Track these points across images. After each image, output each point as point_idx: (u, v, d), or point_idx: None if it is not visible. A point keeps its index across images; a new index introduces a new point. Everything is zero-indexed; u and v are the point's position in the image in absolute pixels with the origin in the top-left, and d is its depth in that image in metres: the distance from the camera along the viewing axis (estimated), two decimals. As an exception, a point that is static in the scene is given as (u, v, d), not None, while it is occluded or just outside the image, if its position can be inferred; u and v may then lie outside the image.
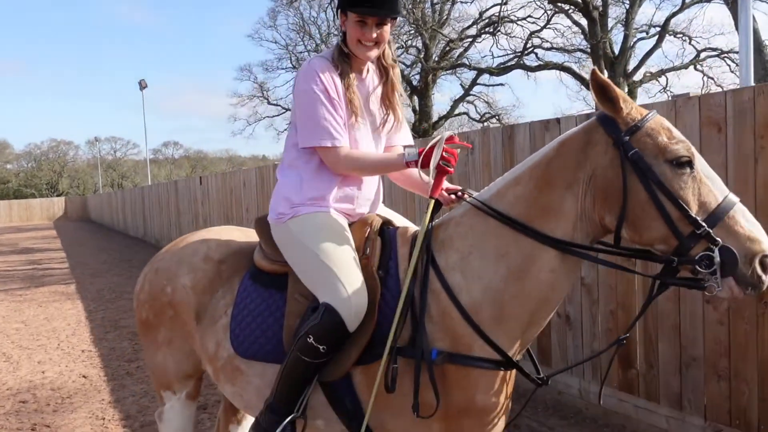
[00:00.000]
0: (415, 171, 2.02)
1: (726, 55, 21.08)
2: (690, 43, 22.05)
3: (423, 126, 24.90)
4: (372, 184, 2.24)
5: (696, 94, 3.53)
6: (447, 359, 1.84)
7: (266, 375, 2.09)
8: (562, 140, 1.89)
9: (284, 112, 35.60)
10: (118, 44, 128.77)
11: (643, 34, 22.56)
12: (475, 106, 28.38)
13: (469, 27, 25.73)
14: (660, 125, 1.76)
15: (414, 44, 25.74)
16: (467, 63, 24.72)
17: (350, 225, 2.13)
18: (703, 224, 1.65)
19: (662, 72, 22.60)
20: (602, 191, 1.78)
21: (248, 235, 2.53)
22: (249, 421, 2.73)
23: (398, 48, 26.24)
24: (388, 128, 2.25)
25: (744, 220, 1.67)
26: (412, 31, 24.69)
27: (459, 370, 1.85)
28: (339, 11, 2.11)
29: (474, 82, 26.63)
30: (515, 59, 24.85)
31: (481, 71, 25.56)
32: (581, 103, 25.30)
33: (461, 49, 26.09)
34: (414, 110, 25.58)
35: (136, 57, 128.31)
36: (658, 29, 21.91)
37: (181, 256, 2.42)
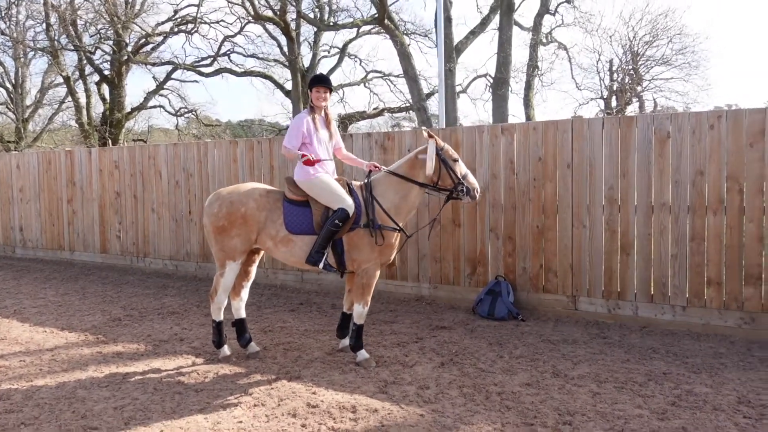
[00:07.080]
0: (351, 156, 5.36)
1: (387, 77, 26.51)
2: (361, 64, 27.59)
3: (116, 116, 24.83)
4: (331, 166, 5.29)
5: (438, 129, 7.37)
6: (382, 228, 5.06)
7: (305, 240, 5.03)
8: (417, 151, 5.26)
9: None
10: None
11: (326, 53, 27.31)
12: (170, 100, 28.83)
13: (163, 23, 26.58)
14: (448, 147, 5.26)
15: (108, 34, 25.13)
16: (177, 61, 25.73)
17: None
18: (461, 179, 5.19)
19: (341, 86, 27.60)
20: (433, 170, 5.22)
21: (267, 186, 5.34)
22: (250, 283, 5.49)
23: (98, 39, 25.56)
24: (332, 137, 5.35)
25: (471, 177, 5.24)
26: (106, 21, 24.07)
27: (386, 232, 5.09)
28: (309, 88, 5.17)
29: (168, 77, 27.20)
30: (210, 60, 26.36)
31: (177, 67, 26.23)
32: (278, 106, 28.22)
33: (155, 44, 26.66)
34: (103, 99, 25.37)
35: None
36: (339, 51, 26.81)
37: (246, 193, 5.13)
